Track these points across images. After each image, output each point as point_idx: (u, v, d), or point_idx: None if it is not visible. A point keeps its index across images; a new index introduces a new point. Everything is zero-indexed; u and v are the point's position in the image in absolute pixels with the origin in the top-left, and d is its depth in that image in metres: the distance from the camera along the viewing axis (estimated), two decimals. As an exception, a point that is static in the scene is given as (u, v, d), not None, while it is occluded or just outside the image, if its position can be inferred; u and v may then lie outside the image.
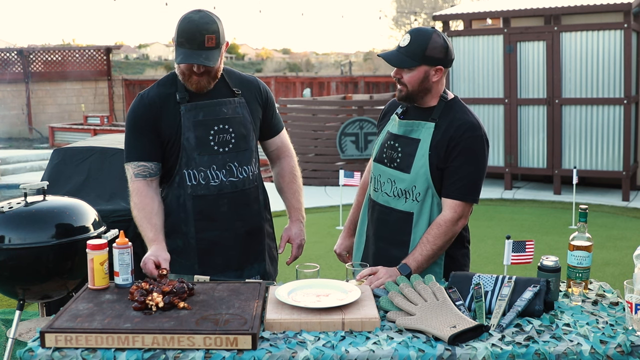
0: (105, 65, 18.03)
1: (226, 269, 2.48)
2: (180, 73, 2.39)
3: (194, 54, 2.29)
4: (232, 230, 2.48)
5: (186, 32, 2.28)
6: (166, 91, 2.43)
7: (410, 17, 28.26)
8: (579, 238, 2.19)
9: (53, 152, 4.18)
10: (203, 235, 2.46)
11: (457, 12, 9.73)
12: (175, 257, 2.41)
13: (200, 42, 2.28)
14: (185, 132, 2.39)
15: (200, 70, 2.34)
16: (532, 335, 1.81)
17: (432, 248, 2.27)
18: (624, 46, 8.09)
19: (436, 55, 2.30)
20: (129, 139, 2.43)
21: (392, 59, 2.34)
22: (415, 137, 2.37)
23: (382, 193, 2.45)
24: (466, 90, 9.10)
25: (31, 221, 2.64)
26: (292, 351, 1.72)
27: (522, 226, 7.07)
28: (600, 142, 8.44)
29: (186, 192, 2.44)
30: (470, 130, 2.30)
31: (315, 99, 11.89)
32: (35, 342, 1.78)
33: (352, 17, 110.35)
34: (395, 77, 2.37)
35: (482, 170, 2.32)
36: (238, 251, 2.51)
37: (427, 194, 2.34)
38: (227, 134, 2.44)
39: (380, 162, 2.47)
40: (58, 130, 14.89)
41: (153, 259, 2.20)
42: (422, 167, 2.33)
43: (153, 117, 2.40)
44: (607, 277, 5.19)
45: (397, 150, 2.41)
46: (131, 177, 2.40)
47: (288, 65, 40.91)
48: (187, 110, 2.40)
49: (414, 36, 2.31)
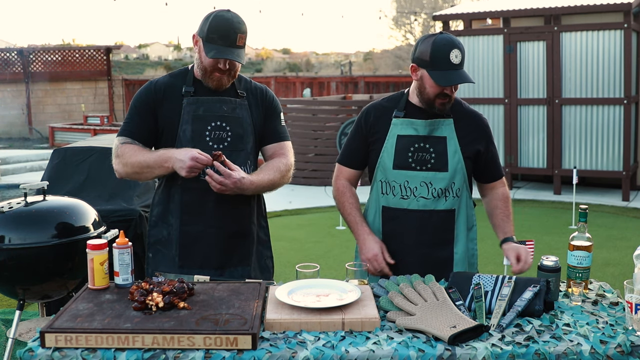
0: (105, 65, 18.02)
1: (205, 266, 2.47)
2: (202, 69, 2.43)
3: (227, 50, 2.35)
4: (216, 228, 2.48)
5: (220, 28, 2.34)
6: (175, 82, 2.50)
7: (410, 17, 28.26)
8: (579, 238, 2.19)
9: (53, 152, 4.18)
10: (186, 228, 2.49)
11: (457, 12, 9.73)
12: (159, 247, 2.52)
13: (233, 40, 2.35)
14: (183, 124, 2.44)
15: (226, 67, 2.39)
16: (532, 335, 1.81)
17: (511, 219, 2.51)
18: (624, 46, 8.09)
19: None
20: (126, 117, 2.53)
21: (468, 78, 2.30)
22: (440, 135, 2.41)
23: (417, 198, 2.40)
24: (466, 90, 9.10)
25: (31, 221, 2.64)
26: (292, 351, 1.72)
27: (522, 226, 7.06)
28: (600, 142, 8.44)
29: (176, 184, 2.47)
30: (481, 118, 2.51)
31: (315, 99, 11.89)
32: (35, 342, 1.78)
33: (352, 17, 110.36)
34: (450, 92, 2.34)
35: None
36: (220, 250, 2.49)
37: (463, 187, 2.44)
38: (223, 131, 2.46)
39: (404, 168, 2.41)
40: (58, 130, 14.88)
41: (196, 152, 2.29)
42: (458, 162, 2.40)
43: (153, 102, 2.46)
44: (607, 277, 5.19)
45: (429, 151, 2.40)
46: (117, 145, 2.48)
47: (288, 65, 40.93)
48: (189, 104, 2.45)
49: (462, 49, 2.31)
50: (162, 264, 2.52)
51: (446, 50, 2.27)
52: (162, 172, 2.40)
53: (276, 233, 2.73)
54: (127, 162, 2.43)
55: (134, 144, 2.46)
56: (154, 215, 2.56)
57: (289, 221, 7.30)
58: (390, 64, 31.17)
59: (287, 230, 6.47)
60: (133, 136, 2.47)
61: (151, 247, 2.58)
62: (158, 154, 2.39)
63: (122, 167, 2.45)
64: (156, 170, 2.40)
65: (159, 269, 2.52)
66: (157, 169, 2.39)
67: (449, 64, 2.28)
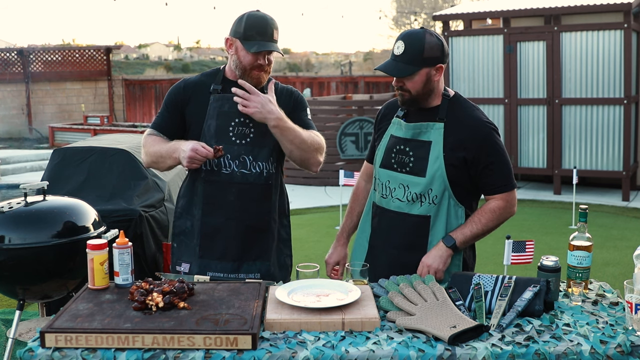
0: (105, 65, 18.02)
1: (224, 258, 2.55)
2: (241, 68, 2.52)
3: (268, 44, 2.46)
4: (236, 220, 2.56)
5: (257, 25, 2.47)
6: (205, 81, 2.62)
7: (410, 17, 28.26)
8: (579, 238, 2.19)
9: (53, 152, 4.18)
10: (207, 220, 2.58)
11: (457, 12, 9.73)
12: (182, 238, 2.64)
13: (270, 35, 2.48)
14: (208, 120, 2.55)
15: (265, 62, 2.50)
16: (532, 335, 1.81)
17: (483, 229, 2.33)
18: (624, 46, 8.09)
19: (434, 55, 2.27)
20: (158, 112, 2.68)
21: (392, 70, 2.29)
22: (425, 140, 2.34)
23: (394, 199, 2.39)
24: (466, 90, 9.10)
25: (31, 221, 2.64)
26: (292, 351, 1.72)
27: (522, 226, 7.06)
28: (600, 142, 8.44)
29: (200, 177, 2.58)
30: (483, 127, 2.33)
31: (315, 99, 11.89)
32: (35, 342, 1.78)
33: (352, 17, 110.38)
34: (397, 86, 2.33)
35: (507, 156, 2.38)
36: (238, 242, 2.57)
37: (443, 195, 2.33)
38: (246, 127, 2.55)
39: (388, 167, 2.42)
40: (58, 130, 14.89)
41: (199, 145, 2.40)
42: (437, 169, 2.31)
43: (181, 100, 2.59)
44: (607, 277, 5.19)
45: (409, 155, 2.36)
46: (144, 137, 2.64)
47: (288, 65, 40.90)
48: (215, 100, 2.56)
49: (407, 41, 2.26)
50: (185, 254, 2.64)
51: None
52: (172, 162, 2.52)
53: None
54: (147, 151, 2.59)
55: (157, 136, 2.59)
56: (179, 207, 2.68)
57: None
58: (390, 64, 31.10)
59: (287, 230, 6.49)
60: (159, 129, 2.61)
61: (175, 237, 2.69)
62: (169, 145, 2.52)
63: (145, 156, 2.61)
64: (168, 160, 2.53)
65: (182, 258, 2.64)
66: (168, 159, 2.52)
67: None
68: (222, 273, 2.55)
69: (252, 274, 2.57)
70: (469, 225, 2.33)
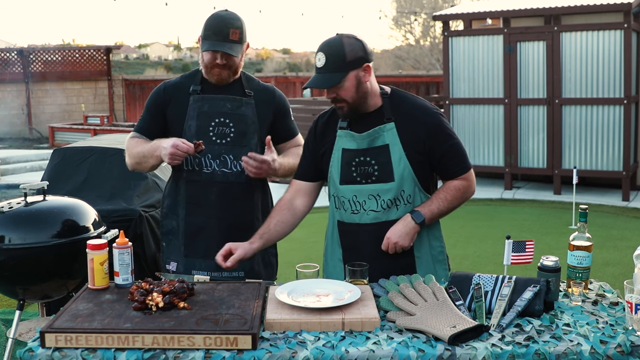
0: (105, 65, 18.02)
1: (207, 256, 2.57)
2: (203, 66, 2.60)
3: (219, 44, 2.51)
4: (218, 219, 2.64)
5: (213, 25, 2.53)
6: (184, 82, 2.68)
7: (410, 17, 28.25)
8: (579, 238, 2.19)
9: (53, 152, 4.18)
10: (191, 219, 2.66)
11: (457, 12, 9.73)
12: (170, 237, 2.71)
13: (226, 35, 2.52)
14: (188, 120, 2.61)
15: (223, 62, 2.55)
16: (532, 335, 1.81)
17: (448, 207, 2.33)
18: (624, 46, 8.09)
19: (357, 55, 2.23)
20: (141, 115, 2.74)
21: (321, 82, 2.22)
22: (382, 144, 2.30)
23: (367, 212, 2.32)
24: (466, 90, 9.10)
25: (31, 221, 2.64)
26: (292, 351, 1.72)
27: (522, 226, 7.06)
28: (600, 142, 8.44)
29: (182, 177, 2.66)
30: (433, 115, 2.35)
31: (315, 99, 11.89)
32: (35, 342, 1.78)
33: (352, 17, 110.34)
34: (331, 98, 2.28)
35: (458, 137, 2.39)
36: (221, 241, 2.55)
37: (415, 192, 2.33)
38: (226, 127, 2.61)
39: (350, 182, 2.33)
40: (58, 130, 14.89)
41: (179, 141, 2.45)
42: (404, 169, 2.29)
43: (162, 102, 2.66)
44: (607, 277, 5.19)
45: (371, 164, 2.30)
46: (127, 140, 2.71)
47: (288, 65, 40.92)
48: (195, 102, 2.62)
49: (327, 51, 2.22)
50: (173, 253, 2.71)
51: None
52: (155, 161, 2.58)
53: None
54: (130, 153, 2.65)
55: (140, 138, 2.65)
56: (165, 207, 2.76)
57: (289, 221, 7.30)
58: (390, 64, 31.15)
59: (287, 230, 6.50)
60: (142, 132, 2.68)
61: (164, 237, 2.76)
62: (150, 144, 2.58)
63: (128, 158, 2.67)
64: (150, 159, 2.58)
65: (171, 257, 2.72)
66: (150, 158, 2.58)
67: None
68: (207, 271, 2.58)
69: (236, 272, 2.59)
70: (435, 202, 2.32)
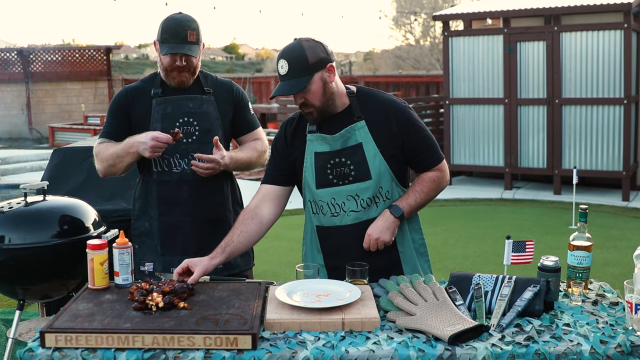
0: (105, 65, 18.03)
1: (185, 252, 2.60)
2: (163, 69, 2.64)
3: (178, 46, 2.55)
4: (192, 216, 2.68)
5: (170, 28, 2.57)
6: (145, 86, 2.72)
7: (410, 17, 28.26)
8: (579, 238, 2.19)
9: (53, 152, 4.18)
10: (165, 218, 2.70)
11: (457, 12, 9.73)
12: (143, 239, 2.74)
13: (184, 37, 2.55)
14: (153, 123, 2.65)
15: (183, 64, 2.59)
16: (532, 335, 1.81)
17: (425, 198, 2.37)
18: (624, 46, 8.09)
19: (319, 57, 2.23)
20: (104, 122, 2.78)
21: (288, 88, 2.22)
22: (355, 143, 2.30)
23: (347, 213, 2.32)
24: (466, 90, 9.10)
25: (31, 221, 2.63)
26: (292, 351, 1.72)
27: (522, 226, 7.07)
28: (600, 142, 8.44)
29: (152, 178, 2.70)
30: (401, 109, 2.36)
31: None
32: (35, 342, 1.78)
33: (352, 17, 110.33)
34: (300, 104, 2.27)
35: (427, 129, 2.42)
36: (197, 236, 2.67)
37: (392, 187, 2.35)
38: (191, 126, 2.67)
39: (327, 185, 2.32)
40: (58, 130, 14.90)
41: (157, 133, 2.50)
42: (380, 165, 2.30)
43: (125, 105, 2.69)
44: (607, 277, 5.19)
45: (347, 164, 2.30)
46: (95, 147, 2.71)
47: (288, 65, 40.83)
48: (158, 104, 2.67)
49: (288, 57, 2.21)
50: (147, 253, 2.73)
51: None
52: (131, 158, 2.59)
53: (276, 233, 2.76)
54: (101, 157, 2.64)
55: (109, 142, 2.67)
56: (136, 210, 2.79)
57: (289, 221, 7.28)
58: (390, 64, 31.16)
59: (287, 230, 6.46)
60: (109, 136, 2.69)
61: (136, 239, 2.77)
62: (124, 143, 2.59)
63: (99, 163, 2.67)
64: (126, 158, 2.59)
65: (145, 258, 2.74)
66: (126, 156, 2.58)
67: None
68: None
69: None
70: (412, 195, 2.34)
